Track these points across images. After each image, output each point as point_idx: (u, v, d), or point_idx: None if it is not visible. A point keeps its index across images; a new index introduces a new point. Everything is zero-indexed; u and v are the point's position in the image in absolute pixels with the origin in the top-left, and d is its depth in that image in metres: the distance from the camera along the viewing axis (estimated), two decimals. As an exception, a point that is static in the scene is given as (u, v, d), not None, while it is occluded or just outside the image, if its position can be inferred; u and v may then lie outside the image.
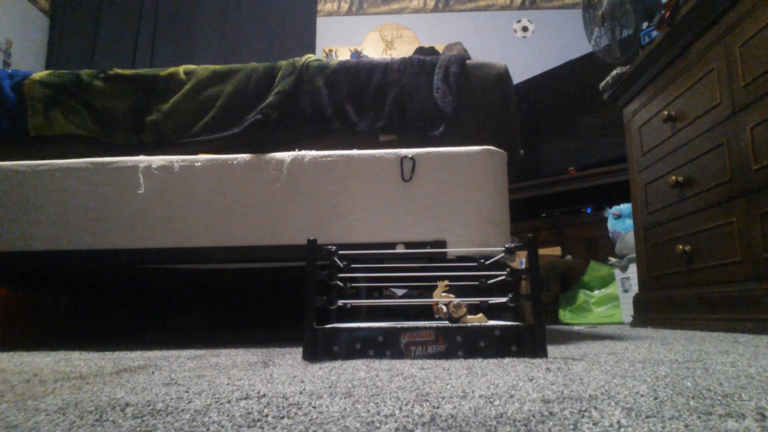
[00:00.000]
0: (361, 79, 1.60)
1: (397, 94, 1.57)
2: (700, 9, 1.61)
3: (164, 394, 0.56)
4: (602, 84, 2.26)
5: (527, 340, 0.88)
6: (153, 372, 0.78)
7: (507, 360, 0.83)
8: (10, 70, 1.71)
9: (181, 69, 1.67)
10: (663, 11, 1.83)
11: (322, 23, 4.61)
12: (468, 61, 1.60)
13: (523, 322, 0.98)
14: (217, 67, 1.67)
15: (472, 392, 0.54)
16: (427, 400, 0.50)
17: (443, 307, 0.98)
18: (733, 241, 1.49)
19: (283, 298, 2.05)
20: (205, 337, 1.82)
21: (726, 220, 1.53)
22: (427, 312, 1.14)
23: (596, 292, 2.69)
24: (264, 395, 0.54)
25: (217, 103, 1.61)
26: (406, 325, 0.90)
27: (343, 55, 4.49)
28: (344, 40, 4.60)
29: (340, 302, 0.97)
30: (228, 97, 1.61)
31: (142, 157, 1.46)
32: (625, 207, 2.59)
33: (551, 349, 0.99)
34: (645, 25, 2.15)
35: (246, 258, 1.41)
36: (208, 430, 0.41)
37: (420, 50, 3.61)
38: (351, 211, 1.39)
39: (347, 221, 1.39)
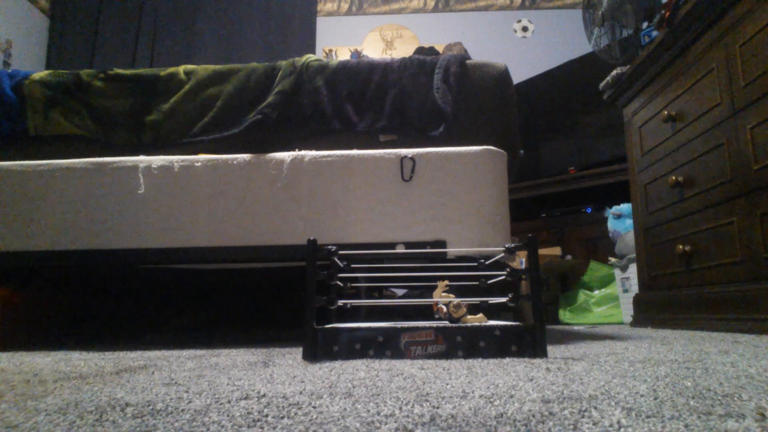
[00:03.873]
0: (361, 79, 1.59)
1: (397, 94, 1.56)
2: (700, 9, 1.61)
3: (164, 394, 0.56)
4: (602, 84, 2.27)
5: (527, 340, 0.88)
6: (153, 372, 0.78)
7: (507, 360, 0.83)
8: (10, 70, 1.71)
9: (181, 69, 1.67)
10: (663, 11, 1.83)
11: (322, 23, 4.61)
12: (468, 61, 1.60)
13: (523, 322, 0.98)
14: (217, 67, 1.67)
15: (472, 392, 0.54)
16: (427, 400, 0.50)
17: (443, 307, 0.98)
18: (733, 241, 1.49)
19: (283, 298, 2.05)
20: (205, 337, 1.82)
21: (726, 220, 1.53)
22: (427, 312, 1.14)
23: (596, 292, 2.69)
24: (264, 395, 0.54)
25: (217, 103, 1.61)
26: (406, 325, 0.90)
27: (343, 55, 4.49)
28: (344, 40, 4.60)
29: (340, 302, 0.97)
30: (228, 97, 1.61)
31: (142, 157, 1.46)
32: (625, 207, 2.59)
33: (551, 349, 0.99)
34: (645, 25, 2.15)
35: (246, 258, 1.41)
36: (208, 430, 0.41)
37: (420, 50, 3.60)
38: (351, 211, 1.39)
39: (347, 221, 1.39)
